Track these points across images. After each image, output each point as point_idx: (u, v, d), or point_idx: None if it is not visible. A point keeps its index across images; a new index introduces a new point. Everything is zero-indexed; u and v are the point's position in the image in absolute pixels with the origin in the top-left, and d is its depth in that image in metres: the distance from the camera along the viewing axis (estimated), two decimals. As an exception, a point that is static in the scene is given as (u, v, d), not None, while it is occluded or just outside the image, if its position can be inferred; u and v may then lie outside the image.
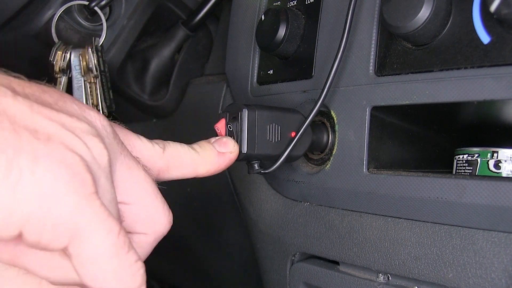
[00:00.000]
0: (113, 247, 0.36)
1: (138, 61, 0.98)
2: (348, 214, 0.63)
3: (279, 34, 0.65)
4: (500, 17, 0.45)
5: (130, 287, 0.37)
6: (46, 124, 0.35)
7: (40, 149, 0.33)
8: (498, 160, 0.55)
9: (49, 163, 0.34)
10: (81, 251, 0.35)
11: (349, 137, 0.60)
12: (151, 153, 0.47)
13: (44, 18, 0.87)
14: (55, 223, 0.34)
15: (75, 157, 0.35)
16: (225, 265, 1.06)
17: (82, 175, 0.35)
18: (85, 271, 0.36)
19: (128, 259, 0.37)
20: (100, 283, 0.36)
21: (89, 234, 0.35)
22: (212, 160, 0.52)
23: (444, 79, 0.51)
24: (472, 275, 0.51)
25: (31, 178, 0.33)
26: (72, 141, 0.36)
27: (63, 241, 0.35)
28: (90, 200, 0.35)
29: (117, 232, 0.36)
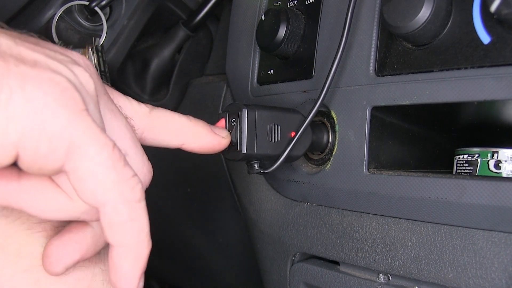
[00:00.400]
0: (109, 159, 0.36)
1: (138, 61, 0.98)
2: (348, 214, 0.63)
3: (279, 34, 0.65)
4: (500, 17, 0.45)
5: (130, 199, 0.38)
6: (31, 53, 0.36)
7: (28, 71, 0.34)
8: (498, 160, 0.55)
9: (38, 81, 0.34)
10: (78, 164, 0.36)
11: (349, 137, 0.60)
12: (136, 109, 0.47)
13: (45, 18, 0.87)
14: (50, 137, 0.34)
15: (62, 77, 0.35)
16: (225, 265, 1.06)
17: (71, 92, 0.35)
18: (84, 186, 0.36)
19: (125, 172, 0.37)
20: (100, 196, 0.37)
21: (84, 147, 0.35)
22: (202, 132, 0.51)
23: (444, 79, 0.51)
24: (472, 275, 0.51)
25: (22, 95, 0.33)
26: (58, 66, 0.36)
27: (59, 156, 0.35)
28: (81, 115, 0.35)
29: (112, 146, 0.37)
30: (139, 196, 0.39)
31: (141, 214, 0.39)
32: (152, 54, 0.98)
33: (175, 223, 1.10)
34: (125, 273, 0.40)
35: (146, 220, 0.39)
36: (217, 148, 0.53)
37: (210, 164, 0.90)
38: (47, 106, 0.34)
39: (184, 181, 1.02)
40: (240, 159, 0.56)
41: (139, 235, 0.39)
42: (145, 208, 0.39)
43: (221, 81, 0.88)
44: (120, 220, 0.38)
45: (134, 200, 0.38)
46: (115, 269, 0.40)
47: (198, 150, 0.51)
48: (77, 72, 0.38)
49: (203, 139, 0.51)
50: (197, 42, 1.00)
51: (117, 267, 0.40)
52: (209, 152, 0.52)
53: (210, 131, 0.52)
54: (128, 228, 0.38)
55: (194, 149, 0.51)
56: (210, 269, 1.11)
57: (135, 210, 0.38)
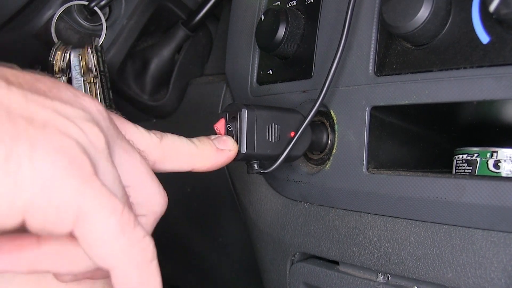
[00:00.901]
0: (118, 224, 0.36)
1: (138, 61, 0.98)
2: (348, 214, 0.63)
3: (278, 34, 0.65)
4: (500, 17, 0.45)
5: (141, 262, 0.38)
6: (41, 111, 0.35)
7: (37, 136, 0.34)
8: (498, 160, 0.55)
9: (46, 149, 0.34)
10: (87, 232, 0.35)
11: (348, 137, 0.60)
12: (148, 142, 0.47)
13: (44, 18, 0.87)
14: (57, 207, 0.34)
15: (71, 142, 0.35)
16: (225, 265, 1.06)
17: (80, 158, 0.35)
18: (94, 252, 0.36)
19: (135, 235, 0.37)
20: (111, 261, 0.37)
21: (92, 214, 0.35)
22: (210, 155, 0.51)
23: (444, 79, 0.51)
24: (472, 275, 0.51)
25: (30, 165, 0.33)
26: (67, 127, 0.36)
27: (67, 224, 0.35)
28: (89, 182, 0.35)
29: (121, 210, 0.36)
30: (150, 257, 0.38)
31: (153, 274, 0.39)
32: (152, 54, 0.98)
33: (174, 223, 1.10)
34: None
35: (159, 280, 0.39)
36: (226, 162, 0.53)
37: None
38: (55, 176, 0.34)
39: (183, 181, 1.02)
40: (239, 159, 0.56)
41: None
42: (157, 267, 0.39)
43: (221, 81, 0.88)
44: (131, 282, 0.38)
45: (145, 262, 0.38)
46: None
47: (208, 170, 0.52)
48: (87, 129, 0.37)
49: (211, 160, 0.52)
50: (197, 42, 1.00)
51: None
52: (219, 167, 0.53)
53: (216, 150, 0.52)
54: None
55: (205, 170, 0.52)
56: (209, 268, 1.11)
57: (146, 272, 0.38)
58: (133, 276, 0.37)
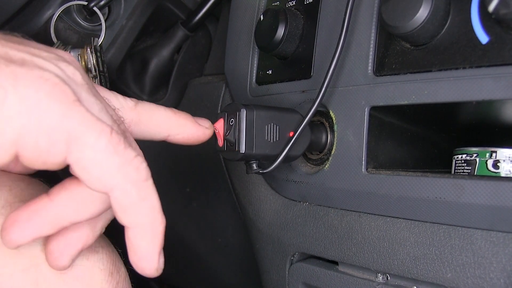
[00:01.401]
0: (109, 144, 0.37)
1: (137, 61, 0.98)
2: (347, 214, 0.63)
3: (278, 34, 0.65)
4: (499, 17, 0.45)
5: (138, 180, 0.39)
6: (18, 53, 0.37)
7: (18, 70, 0.35)
8: (497, 160, 0.55)
9: (28, 79, 0.35)
10: (80, 154, 0.36)
11: (348, 137, 0.60)
12: (122, 103, 0.48)
13: (43, 18, 0.87)
14: (47, 132, 0.35)
15: (50, 74, 0.37)
16: (224, 265, 1.06)
17: (61, 86, 0.36)
18: (90, 175, 0.37)
19: (127, 154, 0.38)
20: (107, 181, 0.38)
21: (82, 137, 0.36)
22: (187, 124, 0.52)
23: (443, 79, 0.51)
24: (471, 275, 0.51)
25: (15, 94, 0.34)
26: (44, 64, 0.37)
27: (60, 149, 0.36)
28: (74, 106, 0.36)
29: (109, 131, 0.37)
30: (145, 175, 0.39)
31: (151, 192, 0.40)
32: (151, 54, 0.98)
33: (174, 223, 1.10)
34: (144, 252, 0.41)
35: (156, 197, 0.40)
36: (201, 138, 0.53)
37: (208, 164, 0.90)
38: (41, 102, 0.35)
39: (183, 182, 1.02)
40: (238, 159, 0.56)
41: (151, 213, 0.40)
42: (153, 186, 0.40)
43: (220, 81, 0.88)
44: (131, 201, 0.39)
45: (141, 180, 0.39)
46: (134, 250, 0.41)
47: (183, 141, 0.52)
48: (63, 67, 0.39)
49: (188, 130, 0.52)
50: (196, 42, 1.00)
51: (135, 248, 0.40)
52: (194, 143, 0.53)
53: (194, 122, 0.52)
54: (140, 208, 0.39)
55: (179, 140, 0.52)
56: (209, 269, 1.11)
57: (143, 189, 0.39)
58: (132, 193, 0.38)
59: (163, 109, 0.51)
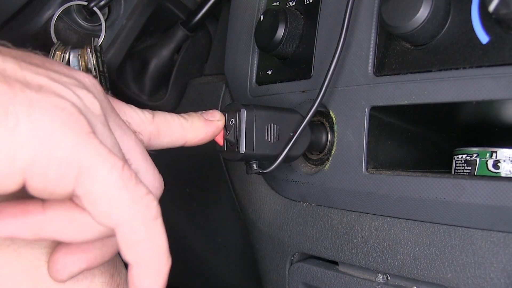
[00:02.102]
0: (120, 179, 0.36)
1: (137, 62, 0.98)
2: (347, 214, 0.63)
3: (278, 34, 0.65)
4: (499, 17, 0.45)
5: (147, 218, 0.38)
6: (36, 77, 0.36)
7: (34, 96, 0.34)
8: (497, 160, 0.55)
9: (44, 107, 0.34)
10: (89, 188, 0.35)
11: (348, 137, 0.60)
12: (141, 118, 0.48)
13: (43, 19, 0.87)
14: (58, 163, 0.34)
15: (67, 102, 0.36)
16: (224, 265, 1.06)
17: (77, 116, 0.35)
18: (98, 209, 0.36)
19: (138, 191, 0.37)
20: (115, 217, 0.37)
21: (94, 169, 0.35)
22: (200, 126, 0.52)
23: (443, 79, 0.51)
24: (471, 275, 0.51)
25: (28, 121, 0.33)
26: (62, 90, 0.36)
27: (69, 181, 0.35)
28: (88, 138, 0.35)
29: (121, 166, 0.36)
30: (155, 214, 0.38)
31: (158, 231, 0.39)
32: (151, 54, 0.98)
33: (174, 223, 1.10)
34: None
35: (164, 237, 0.39)
36: (216, 132, 0.54)
37: (209, 164, 0.90)
38: (54, 132, 0.34)
39: (183, 182, 1.02)
40: (238, 159, 0.56)
41: (157, 253, 0.39)
42: (162, 225, 0.39)
43: (220, 81, 0.88)
44: (138, 239, 0.38)
45: (150, 218, 0.38)
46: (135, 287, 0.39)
47: (200, 142, 0.53)
48: (82, 95, 0.38)
49: (202, 131, 0.52)
50: (196, 42, 1.00)
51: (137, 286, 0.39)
52: (212, 138, 0.54)
53: (205, 120, 0.53)
54: (146, 247, 0.38)
55: (197, 143, 0.52)
56: (209, 269, 1.11)
57: (152, 227, 0.38)
58: (139, 230, 0.37)
59: (177, 118, 0.51)
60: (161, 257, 0.39)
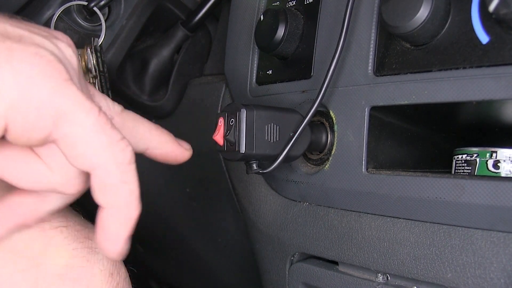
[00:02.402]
0: (97, 123, 0.37)
1: (137, 62, 0.98)
2: (347, 214, 0.63)
3: (278, 34, 0.65)
4: (499, 17, 0.45)
5: (121, 162, 0.39)
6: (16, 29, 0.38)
7: (14, 45, 0.36)
8: (497, 160, 0.55)
9: (24, 55, 0.36)
10: (67, 130, 0.37)
11: (348, 137, 0.60)
12: (110, 106, 0.48)
13: (43, 19, 0.87)
14: (37, 107, 0.35)
15: (46, 51, 0.37)
16: (224, 265, 1.06)
17: (56, 64, 0.37)
18: (75, 151, 0.37)
19: (114, 135, 0.38)
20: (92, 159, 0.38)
21: (72, 113, 0.36)
22: (167, 141, 0.52)
23: (443, 79, 0.51)
24: (471, 275, 0.51)
25: (9, 68, 0.35)
26: (42, 41, 0.38)
27: (47, 124, 0.36)
28: (66, 84, 0.37)
29: (97, 111, 0.38)
30: (130, 158, 0.39)
31: (132, 176, 0.40)
32: (151, 54, 0.98)
33: (174, 223, 1.10)
34: (112, 234, 0.40)
35: (137, 183, 0.40)
36: (179, 158, 0.54)
37: (209, 164, 0.90)
38: (34, 78, 0.35)
39: (183, 182, 1.02)
40: (238, 159, 0.56)
41: (129, 197, 0.40)
42: (135, 171, 0.40)
43: (220, 81, 0.88)
44: (112, 182, 0.39)
45: (125, 162, 0.39)
46: (103, 230, 0.40)
47: (161, 157, 0.52)
48: (61, 47, 0.39)
49: (167, 147, 0.52)
50: (196, 42, 0.99)
51: (105, 228, 0.40)
52: (172, 162, 0.53)
53: (175, 140, 0.53)
54: (120, 190, 0.39)
55: (157, 155, 0.52)
56: (209, 269, 1.11)
57: (126, 172, 0.39)
58: (114, 174, 0.38)
59: (147, 122, 0.51)
60: (132, 202, 0.40)
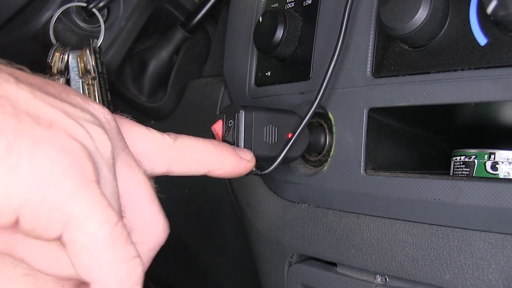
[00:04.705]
0: (109, 236, 0.34)
1: (136, 63, 0.98)
2: (346, 216, 0.63)
3: (276, 36, 0.65)
4: (497, 18, 0.45)
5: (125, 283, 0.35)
6: (49, 111, 0.35)
7: (41, 134, 0.33)
8: (495, 161, 0.55)
9: (49, 148, 0.33)
10: (75, 238, 0.34)
11: (346, 138, 0.60)
12: (160, 142, 0.45)
13: (42, 20, 0.87)
14: (50, 208, 0.33)
15: (76, 144, 0.34)
16: (223, 267, 1.06)
17: (82, 162, 0.34)
18: (79, 260, 0.34)
19: (125, 253, 0.35)
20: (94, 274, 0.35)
21: (84, 220, 0.34)
22: (229, 157, 0.49)
23: (441, 80, 0.51)
24: (469, 277, 0.51)
25: (30, 162, 0.32)
26: (74, 129, 0.35)
27: (57, 228, 0.34)
28: (89, 187, 0.34)
29: (115, 223, 0.34)
30: (136, 280, 0.36)
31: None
32: (150, 55, 0.98)
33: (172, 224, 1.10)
34: None
35: None
36: (242, 172, 0.51)
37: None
38: (53, 177, 0.33)
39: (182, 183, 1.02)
40: (237, 161, 0.56)
41: None
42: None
43: (219, 83, 0.88)
44: None
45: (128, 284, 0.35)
46: None
47: (223, 175, 0.50)
48: (94, 135, 0.36)
49: (229, 165, 0.49)
50: (195, 43, 1.00)
51: None
52: (234, 176, 0.51)
53: (235, 155, 0.50)
54: None
55: (220, 175, 0.49)
56: (207, 270, 1.11)
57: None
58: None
59: (204, 143, 0.48)
60: None
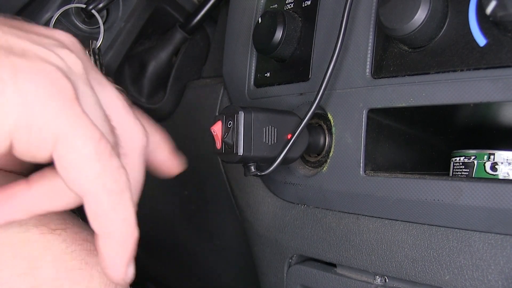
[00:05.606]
0: (94, 151, 0.37)
1: (135, 64, 0.98)
2: (345, 217, 0.63)
3: (276, 37, 0.65)
4: (496, 19, 0.45)
5: (113, 190, 0.38)
6: (19, 42, 0.37)
7: (18, 62, 0.35)
8: (495, 162, 0.55)
9: (29, 73, 0.35)
10: (64, 153, 0.37)
11: (346, 139, 0.60)
12: None
13: (42, 21, 0.87)
14: (40, 128, 0.35)
15: (51, 67, 0.37)
16: (222, 268, 1.06)
17: (62, 82, 0.37)
18: (68, 174, 0.37)
19: (110, 164, 0.38)
20: (83, 186, 0.38)
21: (70, 138, 0.36)
22: None
23: (441, 81, 0.51)
24: (469, 277, 0.51)
25: (15, 87, 0.35)
26: (45, 54, 0.37)
27: (48, 145, 0.36)
28: (71, 106, 0.37)
29: (98, 138, 0.37)
30: (122, 187, 0.39)
31: (125, 204, 0.39)
32: (149, 56, 0.98)
33: (172, 225, 1.10)
34: (111, 261, 0.40)
35: (131, 211, 0.40)
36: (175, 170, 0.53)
37: (207, 166, 0.90)
38: (39, 98, 0.35)
39: (181, 184, 1.02)
40: (236, 161, 0.56)
41: (122, 225, 0.40)
42: (129, 199, 0.40)
43: (218, 84, 0.88)
44: (102, 210, 0.39)
45: (116, 191, 0.39)
46: (101, 257, 0.41)
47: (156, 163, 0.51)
48: (64, 56, 0.39)
49: None
50: (194, 44, 1.00)
51: (103, 255, 0.40)
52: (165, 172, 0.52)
53: None
54: (111, 218, 0.39)
55: None
56: (207, 271, 1.11)
57: (117, 200, 0.39)
58: (104, 202, 0.38)
59: None
60: (126, 229, 0.40)
